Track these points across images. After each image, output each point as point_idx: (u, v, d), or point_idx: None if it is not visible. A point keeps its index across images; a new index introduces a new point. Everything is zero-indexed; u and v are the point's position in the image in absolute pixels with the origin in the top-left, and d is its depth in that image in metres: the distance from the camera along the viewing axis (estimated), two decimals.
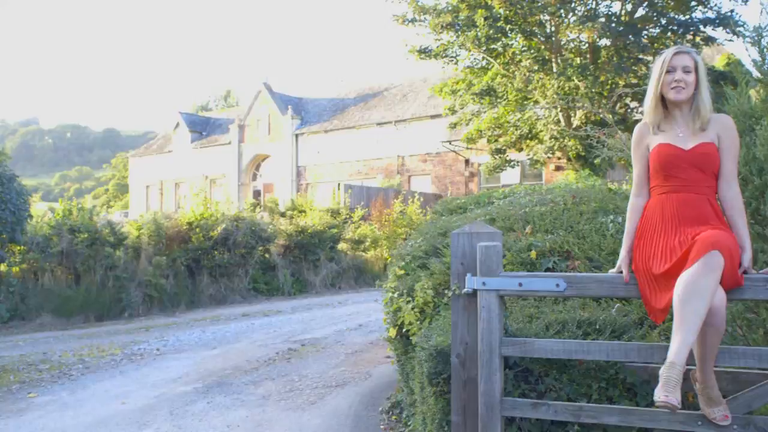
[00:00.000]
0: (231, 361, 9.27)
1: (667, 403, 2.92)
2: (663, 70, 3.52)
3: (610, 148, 13.74)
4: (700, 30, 20.80)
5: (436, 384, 4.09)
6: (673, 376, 2.97)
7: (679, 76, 3.48)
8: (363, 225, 21.80)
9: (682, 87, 3.48)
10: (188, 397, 7.38)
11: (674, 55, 3.53)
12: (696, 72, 3.51)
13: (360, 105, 38.69)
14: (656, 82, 3.55)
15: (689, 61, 3.51)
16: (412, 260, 5.89)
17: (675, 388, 2.94)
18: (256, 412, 6.71)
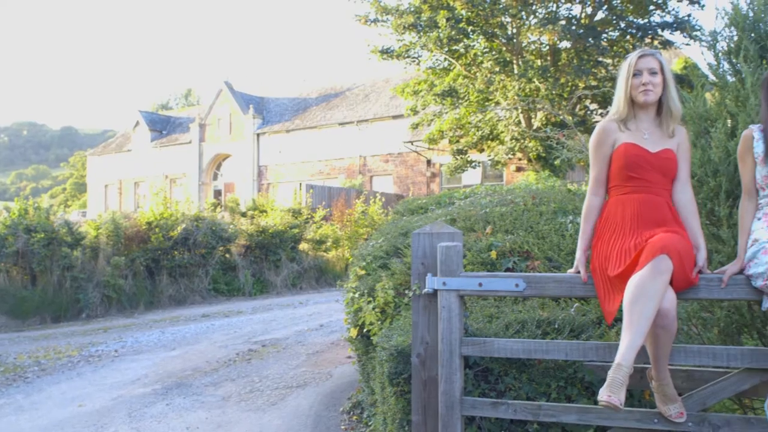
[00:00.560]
0: (191, 362, 9.19)
1: (609, 403, 2.96)
2: (630, 74, 3.56)
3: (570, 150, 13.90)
4: (658, 34, 21.13)
5: (396, 384, 4.10)
6: (618, 377, 3.00)
7: (647, 78, 3.52)
8: (324, 225, 21.74)
9: (650, 89, 3.52)
10: (147, 398, 7.29)
11: (639, 58, 3.57)
12: (662, 73, 3.56)
13: (322, 105, 38.60)
14: (625, 86, 3.58)
15: (654, 63, 3.55)
16: (373, 260, 5.89)
17: (620, 388, 2.98)
18: (216, 414, 6.65)
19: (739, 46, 4.34)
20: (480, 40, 22.09)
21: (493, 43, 22.00)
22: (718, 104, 4.39)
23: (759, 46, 4.27)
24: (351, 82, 40.01)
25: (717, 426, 3.43)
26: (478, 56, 22.23)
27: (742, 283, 3.35)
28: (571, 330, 4.02)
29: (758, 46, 4.27)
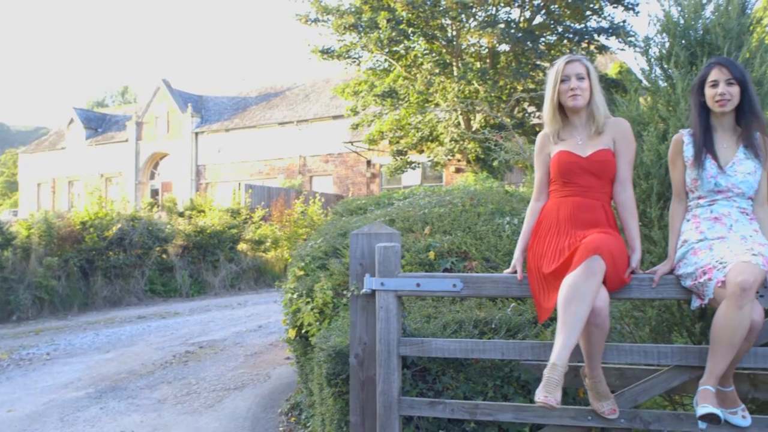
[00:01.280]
0: (126, 364, 9.02)
1: (546, 403, 3.00)
2: (557, 80, 3.62)
3: (508, 152, 14.08)
4: (594, 39, 21.53)
5: (334, 384, 4.09)
6: (554, 376, 3.05)
7: (574, 84, 3.58)
8: (264, 225, 21.56)
9: (578, 94, 3.59)
10: (80, 402, 7.13)
11: (566, 63, 3.63)
12: (589, 78, 3.63)
13: (262, 104, 38.30)
14: (552, 92, 3.64)
15: (581, 68, 3.62)
16: (312, 261, 5.86)
17: (555, 388, 3.03)
18: (152, 417, 6.55)
19: (671, 52, 4.45)
20: (420, 42, 22.20)
21: (433, 44, 22.14)
22: (651, 108, 4.50)
23: (689, 53, 4.39)
24: (291, 82, 39.79)
25: (648, 422, 3.52)
26: (418, 58, 22.34)
27: (672, 283, 3.44)
28: (508, 329, 4.06)
29: (688, 53, 4.39)
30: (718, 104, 3.44)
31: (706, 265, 3.23)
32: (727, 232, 3.36)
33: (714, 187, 3.44)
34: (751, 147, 3.46)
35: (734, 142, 3.51)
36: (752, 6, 4.52)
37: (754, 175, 3.44)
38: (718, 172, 3.42)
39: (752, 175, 3.43)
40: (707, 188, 3.45)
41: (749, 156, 3.45)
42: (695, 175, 3.48)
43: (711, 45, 4.32)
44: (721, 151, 3.48)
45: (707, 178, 3.44)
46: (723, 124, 3.53)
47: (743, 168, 3.43)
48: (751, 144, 3.46)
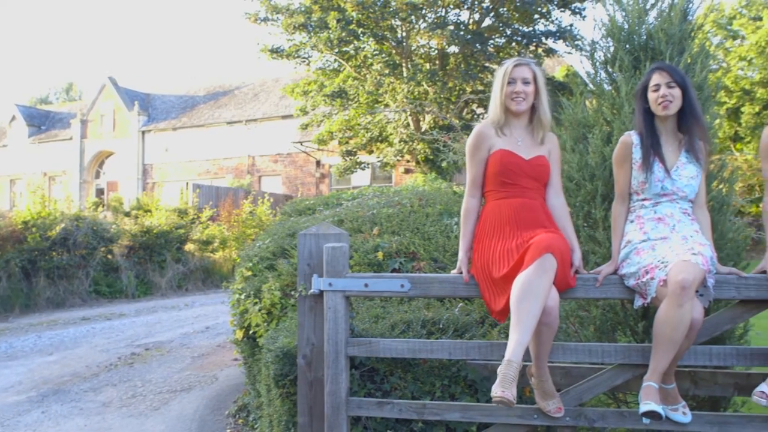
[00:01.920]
0: (69, 367, 8.85)
1: (503, 398, 3.03)
2: (504, 81, 3.65)
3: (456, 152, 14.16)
4: (542, 42, 21.81)
5: (282, 386, 4.07)
6: (509, 373, 3.08)
7: (520, 87, 3.62)
8: (211, 225, 21.35)
9: (522, 98, 3.63)
10: (21, 406, 6.97)
11: (514, 67, 3.66)
12: (535, 83, 3.66)
13: (210, 103, 37.88)
14: (499, 93, 3.67)
15: (528, 73, 3.66)
16: (260, 261, 5.83)
17: (511, 384, 3.06)
18: (96, 420, 6.43)
19: (615, 56, 4.54)
20: (370, 43, 22.22)
21: (383, 45, 22.18)
22: (596, 111, 4.57)
23: (633, 57, 4.47)
24: (240, 81, 39.44)
25: (593, 420, 3.58)
26: (368, 58, 22.36)
27: (616, 282, 3.51)
28: (455, 329, 4.10)
29: (632, 57, 4.47)
30: (661, 106, 3.52)
31: (649, 265, 3.30)
32: (669, 232, 3.43)
33: (661, 190, 3.51)
34: (693, 151, 3.55)
35: (677, 146, 3.59)
36: (694, 12, 4.63)
37: (696, 179, 3.53)
38: (665, 176, 3.50)
39: (694, 179, 3.53)
40: (654, 191, 3.53)
41: (691, 160, 3.54)
42: (643, 178, 3.55)
43: (654, 50, 4.41)
44: (667, 155, 3.56)
45: (655, 181, 3.51)
46: (666, 129, 3.61)
47: (686, 172, 3.52)
48: (692, 148, 3.55)
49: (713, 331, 3.52)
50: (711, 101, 4.50)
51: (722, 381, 3.68)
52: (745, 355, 3.54)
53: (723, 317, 3.55)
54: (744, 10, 29.95)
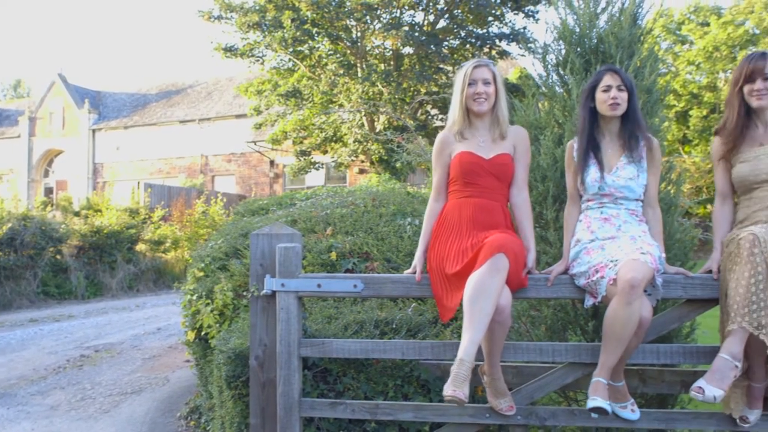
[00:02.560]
0: (16, 370, 8.66)
1: (454, 397, 3.04)
2: (465, 83, 3.68)
3: (410, 153, 14.22)
4: (496, 44, 22.01)
5: (234, 387, 4.04)
6: (461, 372, 3.10)
7: (481, 88, 3.65)
8: (163, 225, 21.10)
9: (484, 99, 3.66)
10: None
11: (474, 68, 3.70)
12: (495, 83, 3.70)
13: (162, 101, 37.42)
14: (460, 95, 3.70)
15: (488, 74, 3.69)
16: (212, 261, 5.77)
17: (463, 383, 3.08)
18: (43, 424, 6.31)
19: (567, 59, 4.59)
20: (325, 42, 22.18)
21: (338, 45, 22.16)
22: (547, 113, 4.63)
23: (584, 60, 4.54)
24: (193, 79, 39.02)
25: (544, 418, 3.62)
26: (322, 58, 22.31)
27: (566, 282, 3.55)
28: (408, 329, 4.10)
29: (583, 60, 4.53)
30: (610, 107, 3.58)
31: (599, 264, 3.35)
32: (616, 232, 3.49)
33: (597, 190, 3.58)
34: (634, 153, 3.61)
35: (619, 147, 3.66)
36: (643, 17, 4.70)
37: (636, 180, 3.59)
38: (600, 176, 3.57)
39: (634, 180, 3.58)
40: (591, 191, 3.60)
41: (632, 162, 3.61)
42: (581, 179, 3.62)
43: (604, 53, 4.47)
44: (607, 156, 3.62)
45: (590, 182, 3.58)
46: (610, 130, 3.68)
47: (625, 173, 3.58)
48: (633, 150, 3.62)
49: (661, 330, 3.59)
50: (660, 104, 4.58)
51: (669, 379, 3.75)
52: (691, 353, 3.61)
53: (670, 316, 3.62)
54: (692, 15, 30.58)
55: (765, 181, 3.45)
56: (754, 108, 3.52)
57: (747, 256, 3.14)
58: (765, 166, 3.45)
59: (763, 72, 3.48)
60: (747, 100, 3.54)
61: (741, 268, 3.17)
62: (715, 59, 28.33)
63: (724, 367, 3.14)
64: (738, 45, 27.61)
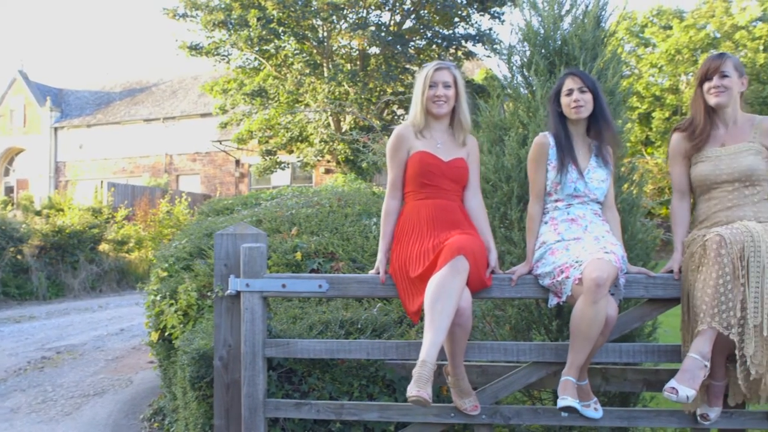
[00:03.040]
0: None
1: (419, 397, 3.05)
2: (426, 85, 3.69)
3: (375, 153, 14.23)
4: (462, 45, 22.07)
5: (198, 388, 4.01)
6: (424, 373, 3.11)
7: (441, 91, 3.66)
8: (127, 225, 20.86)
9: (443, 101, 3.67)
10: None
11: (435, 70, 3.71)
12: (455, 86, 3.71)
13: (126, 100, 36.99)
14: (421, 96, 3.71)
15: (449, 77, 3.70)
16: (176, 262, 5.72)
17: (426, 383, 3.09)
18: (3, 428, 6.20)
19: (531, 60, 4.63)
20: (291, 42, 22.07)
21: (304, 45, 22.08)
22: (512, 114, 4.66)
23: (548, 62, 4.58)
24: (158, 78, 38.63)
25: (508, 417, 3.65)
26: (288, 57, 22.21)
27: (530, 282, 3.58)
28: (374, 329, 4.10)
29: (548, 62, 4.58)
30: (573, 110, 3.62)
31: (564, 264, 3.38)
32: (582, 232, 3.53)
33: (573, 191, 3.61)
34: (602, 155, 3.66)
35: (587, 150, 3.70)
36: (607, 20, 4.76)
37: (605, 182, 3.65)
38: (579, 178, 3.60)
39: (604, 183, 3.65)
40: (567, 192, 3.62)
41: (600, 164, 3.66)
42: (557, 180, 3.63)
43: (568, 55, 4.52)
44: (579, 158, 3.66)
45: (569, 182, 3.60)
46: (577, 133, 3.71)
47: (597, 176, 3.63)
48: (601, 153, 3.67)
49: (623, 329, 3.63)
50: (623, 106, 4.64)
51: (632, 377, 3.80)
52: (653, 352, 3.66)
53: (632, 315, 3.66)
54: (655, 18, 30.97)
55: (725, 182, 3.51)
56: (713, 106, 3.58)
57: (714, 257, 3.20)
58: (726, 167, 3.51)
59: (720, 70, 3.55)
60: (705, 98, 3.60)
61: (708, 269, 3.22)
62: (678, 62, 28.73)
63: (695, 367, 3.18)
64: (699, 48, 28.03)
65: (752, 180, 3.48)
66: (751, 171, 3.47)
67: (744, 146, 3.54)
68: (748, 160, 3.49)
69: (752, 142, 3.54)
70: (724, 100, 3.55)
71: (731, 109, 3.60)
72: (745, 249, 3.17)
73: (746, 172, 3.48)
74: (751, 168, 3.48)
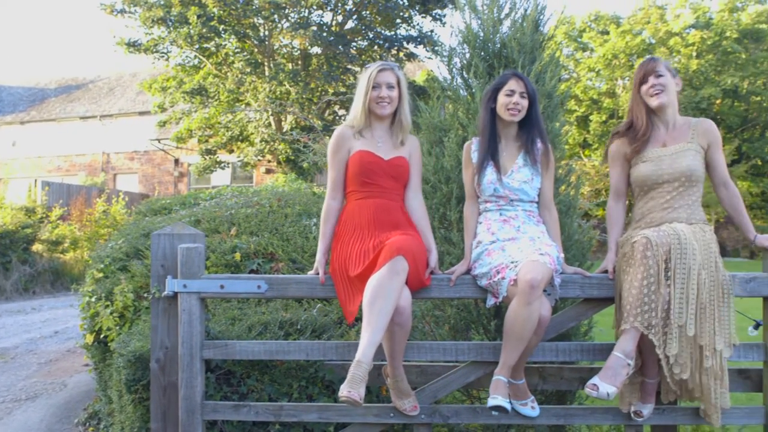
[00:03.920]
0: None
1: (349, 398, 3.05)
2: (369, 86, 3.69)
3: (316, 153, 14.19)
4: (404, 46, 22.16)
5: (134, 391, 3.95)
6: (358, 373, 3.11)
7: (385, 92, 3.67)
8: (62, 225, 20.38)
9: (387, 103, 3.69)
10: None
11: (379, 71, 3.71)
12: (399, 87, 3.73)
13: (62, 96, 36.14)
14: (363, 97, 3.71)
15: (392, 78, 3.72)
16: (113, 262, 5.62)
17: (359, 384, 3.09)
18: None
19: (471, 62, 4.67)
20: (232, 40, 21.87)
21: (245, 43, 21.90)
22: (452, 116, 4.69)
23: (488, 64, 4.62)
24: (95, 74, 37.84)
25: (447, 416, 3.68)
26: (229, 56, 22.00)
27: (469, 282, 3.61)
28: (313, 330, 4.10)
29: (487, 64, 4.62)
30: (510, 112, 3.66)
31: (500, 265, 3.42)
32: (516, 233, 3.57)
33: (493, 192, 3.66)
34: (531, 155, 3.71)
35: (515, 150, 3.74)
36: (545, 24, 4.83)
37: (530, 182, 3.69)
38: (497, 179, 3.64)
39: (528, 183, 3.68)
40: (488, 193, 3.68)
41: (528, 164, 3.70)
42: (478, 181, 3.69)
43: (507, 58, 4.57)
44: (503, 159, 3.71)
45: (487, 183, 3.66)
46: (507, 133, 3.76)
47: (520, 176, 3.68)
48: (530, 152, 3.71)
49: (559, 329, 3.70)
50: (560, 109, 4.71)
51: (568, 375, 3.87)
52: (589, 351, 3.74)
53: (568, 315, 3.73)
54: (593, 24, 31.61)
55: (666, 182, 3.60)
56: (655, 107, 3.67)
57: (640, 258, 3.27)
58: (667, 167, 3.61)
59: (654, 70, 3.65)
60: (646, 100, 3.69)
61: (634, 270, 3.30)
62: (614, 66, 29.37)
63: (617, 365, 3.25)
64: (635, 53, 28.71)
65: (691, 180, 3.58)
66: (691, 171, 3.57)
67: (684, 146, 3.63)
68: (688, 160, 3.59)
69: (691, 142, 3.64)
70: (665, 100, 3.63)
71: (671, 110, 3.70)
72: (672, 251, 3.26)
73: (686, 172, 3.57)
74: (691, 168, 3.57)
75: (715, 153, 3.68)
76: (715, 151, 3.68)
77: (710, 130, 3.68)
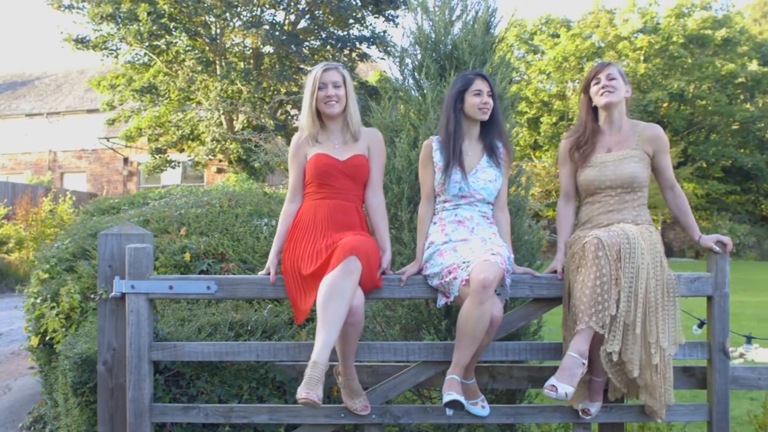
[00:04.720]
0: None
1: (308, 399, 3.05)
2: (315, 87, 3.70)
3: (268, 153, 14.13)
4: (356, 46, 22.19)
5: (81, 394, 3.88)
6: (315, 374, 3.11)
7: (331, 91, 3.68)
8: (6, 225, 19.95)
9: (335, 101, 3.69)
10: None
11: (323, 71, 3.71)
12: (345, 85, 3.73)
13: (7, 93, 35.33)
14: (310, 99, 3.71)
15: (338, 76, 3.72)
16: (59, 263, 5.51)
17: (317, 385, 3.09)
18: None
19: (422, 64, 4.69)
20: (183, 38, 21.65)
21: (197, 41, 21.70)
22: (403, 116, 4.71)
23: (439, 66, 4.65)
24: (41, 71, 37.08)
25: (398, 416, 3.69)
26: (180, 54, 21.76)
27: (420, 282, 3.63)
28: (264, 331, 4.07)
29: (438, 66, 4.64)
30: (481, 112, 3.68)
31: (452, 265, 3.44)
32: (469, 234, 3.60)
33: (458, 192, 3.67)
34: (494, 156, 3.74)
35: (479, 150, 3.77)
36: (496, 26, 4.87)
37: (494, 182, 3.72)
38: (463, 179, 3.66)
39: (492, 183, 3.71)
40: (452, 192, 3.68)
41: (491, 164, 3.73)
42: (442, 180, 3.70)
43: (458, 59, 4.60)
44: (467, 159, 3.73)
45: (452, 183, 3.67)
46: (471, 133, 3.78)
47: (485, 176, 3.70)
48: (494, 153, 3.74)
49: (509, 328, 3.73)
50: (511, 110, 4.76)
51: (518, 374, 3.90)
52: (538, 350, 3.79)
53: (518, 314, 3.77)
54: (544, 27, 32.00)
55: (609, 187, 3.66)
56: (602, 105, 3.72)
57: (592, 258, 3.32)
58: (611, 173, 3.66)
59: (607, 72, 3.70)
60: (594, 99, 3.74)
61: (587, 270, 3.35)
62: (565, 69, 29.78)
63: (573, 365, 3.29)
64: (585, 57, 29.15)
65: (633, 187, 3.64)
66: (633, 178, 3.63)
67: (628, 153, 3.69)
68: (631, 168, 3.64)
69: (635, 149, 3.70)
70: (613, 99, 3.68)
71: (618, 113, 3.75)
72: (622, 250, 3.31)
73: (628, 180, 3.63)
74: (633, 175, 3.63)
75: (662, 158, 3.74)
76: (662, 156, 3.74)
77: (657, 137, 3.73)
